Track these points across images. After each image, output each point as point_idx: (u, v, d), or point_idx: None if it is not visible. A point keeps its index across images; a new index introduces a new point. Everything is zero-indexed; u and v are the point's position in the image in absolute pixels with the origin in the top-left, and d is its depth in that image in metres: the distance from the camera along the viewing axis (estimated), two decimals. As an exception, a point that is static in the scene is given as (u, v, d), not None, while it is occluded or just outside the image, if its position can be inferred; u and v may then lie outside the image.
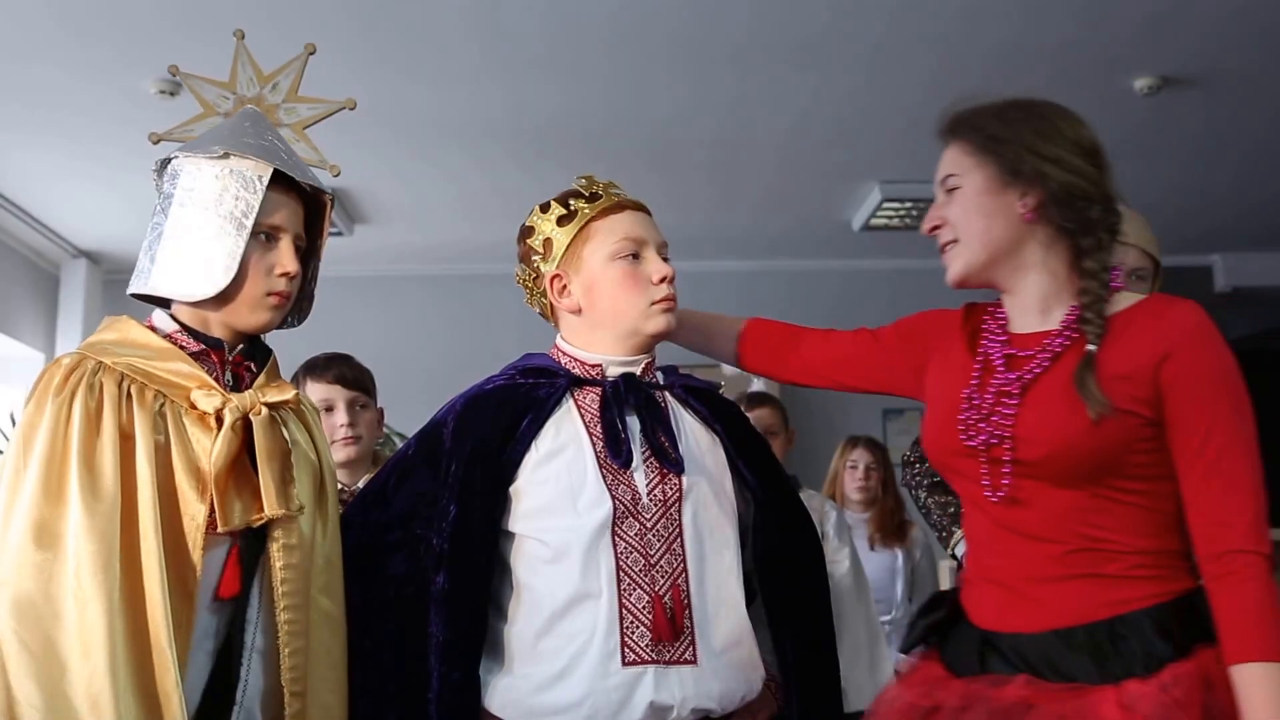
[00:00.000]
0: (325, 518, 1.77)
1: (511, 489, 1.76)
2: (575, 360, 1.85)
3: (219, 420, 1.63)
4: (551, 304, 1.89)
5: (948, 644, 1.64)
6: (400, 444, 5.48)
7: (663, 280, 1.81)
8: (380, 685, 1.74)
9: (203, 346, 1.71)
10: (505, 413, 1.80)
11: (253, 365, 1.76)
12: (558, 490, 1.74)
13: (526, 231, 1.92)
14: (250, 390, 1.70)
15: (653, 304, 1.80)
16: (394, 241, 5.93)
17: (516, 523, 1.76)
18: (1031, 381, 1.57)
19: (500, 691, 1.72)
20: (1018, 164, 1.58)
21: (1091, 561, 1.52)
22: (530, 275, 1.91)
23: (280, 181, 1.73)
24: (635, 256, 1.81)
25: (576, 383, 1.82)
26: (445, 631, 1.72)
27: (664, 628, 1.67)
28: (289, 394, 1.74)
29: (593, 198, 1.85)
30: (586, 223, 1.83)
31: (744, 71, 4.08)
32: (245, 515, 1.63)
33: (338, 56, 3.80)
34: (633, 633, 1.67)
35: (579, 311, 1.85)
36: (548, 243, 1.86)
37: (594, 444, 1.76)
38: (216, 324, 1.72)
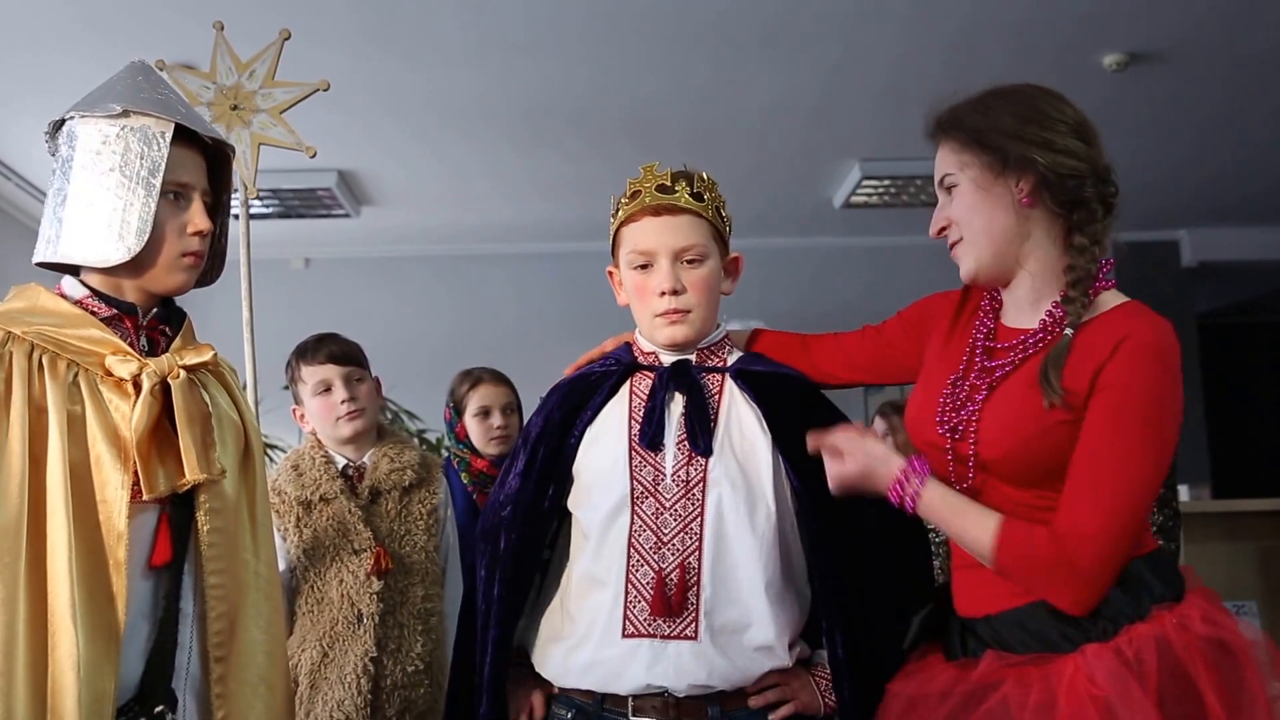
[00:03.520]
0: (252, 479, 1.70)
1: (573, 470, 1.79)
2: (640, 349, 1.85)
3: (136, 386, 1.54)
4: None
5: (944, 635, 1.63)
6: (408, 421, 5.54)
7: (661, 294, 1.75)
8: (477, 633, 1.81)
9: (115, 311, 1.61)
10: (570, 399, 1.83)
11: (167, 329, 1.66)
12: (595, 472, 1.76)
13: None
14: (167, 354, 1.61)
15: (655, 316, 1.77)
16: (397, 223, 5.89)
17: (570, 502, 1.79)
18: (1001, 379, 1.54)
19: (548, 658, 1.77)
20: (1005, 152, 1.53)
21: None
22: None
23: (181, 137, 1.62)
24: (646, 267, 1.77)
25: (636, 369, 1.83)
26: (498, 590, 1.78)
27: (659, 603, 1.66)
28: (207, 355, 1.65)
29: (633, 196, 1.79)
30: (619, 226, 1.81)
31: (716, 52, 4.03)
32: (169, 481, 1.54)
33: (336, 41, 3.80)
34: (634, 606, 1.68)
35: (627, 304, 1.86)
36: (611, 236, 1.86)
37: (632, 427, 1.77)
38: (130, 288, 1.62)
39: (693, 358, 1.81)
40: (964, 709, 1.46)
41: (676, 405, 1.77)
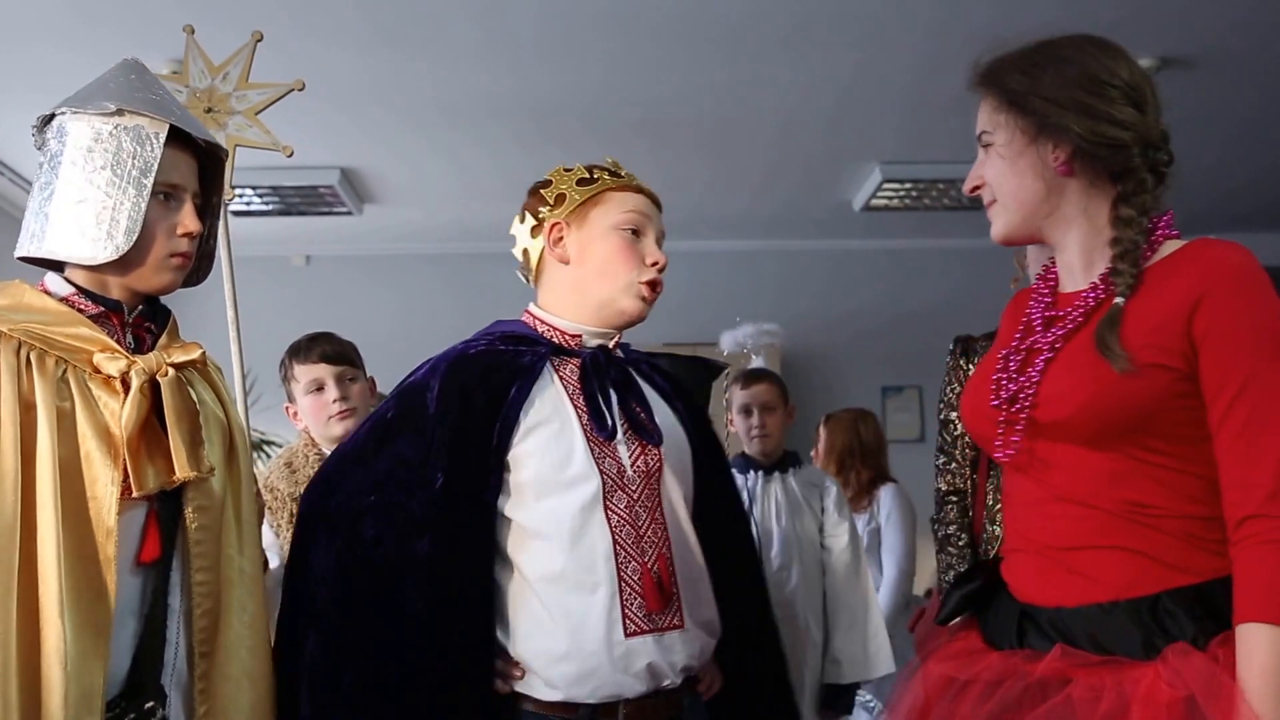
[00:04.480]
0: (237, 476, 1.74)
1: (509, 457, 1.72)
2: (554, 329, 1.84)
3: (125, 383, 1.57)
4: (540, 260, 1.87)
5: (987, 616, 1.57)
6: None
7: (655, 264, 1.82)
8: (354, 641, 1.70)
9: (101, 309, 1.64)
10: (492, 380, 1.76)
11: (153, 327, 1.70)
12: (547, 464, 1.71)
13: (541, 184, 1.91)
14: (155, 351, 1.64)
15: (639, 282, 1.81)
16: (401, 221, 5.91)
17: (511, 496, 1.73)
18: (1064, 338, 1.48)
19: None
20: (1043, 118, 1.48)
21: (1134, 532, 1.41)
22: (528, 227, 1.89)
23: (174, 138, 1.65)
24: (637, 234, 1.83)
25: (556, 352, 1.81)
26: (443, 591, 1.68)
27: (654, 597, 1.68)
28: (195, 353, 1.68)
29: (615, 175, 1.88)
30: (604, 190, 1.85)
31: (734, 53, 4.04)
32: (159, 479, 1.58)
33: (341, 37, 3.81)
34: (631, 604, 1.68)
35: (566, 262, 1.84)
36: (560, 197, 1.86)
37: (579, 416, 1.75)
38: (116, 286, 1.65)
39: (610, 344, 1.87)
40: (1019, 703, 1.39)
41: (610, 393, 1.80)
